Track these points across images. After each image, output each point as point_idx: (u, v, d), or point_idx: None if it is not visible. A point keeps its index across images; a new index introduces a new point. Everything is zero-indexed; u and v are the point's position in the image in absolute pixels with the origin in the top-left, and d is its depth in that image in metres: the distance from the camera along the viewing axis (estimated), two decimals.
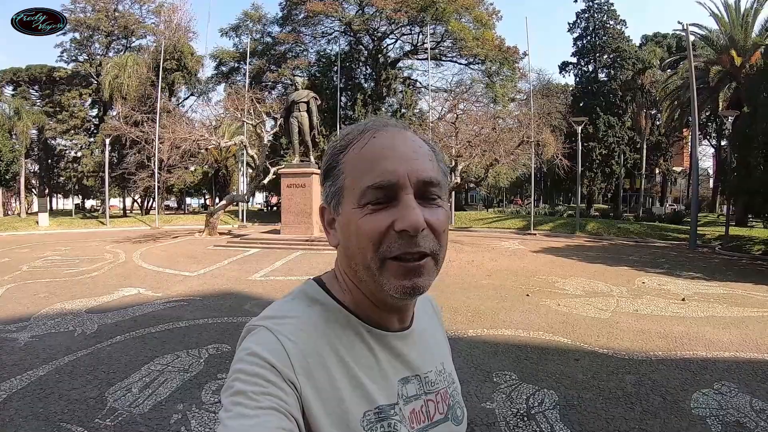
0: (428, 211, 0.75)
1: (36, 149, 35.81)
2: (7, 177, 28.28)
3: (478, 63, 34.72)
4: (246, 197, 25.54)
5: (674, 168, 48.22)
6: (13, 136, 29.71)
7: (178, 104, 37.11)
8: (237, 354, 0.75)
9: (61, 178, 37.19)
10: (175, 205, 51.17)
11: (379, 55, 35.81)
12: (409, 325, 0.88)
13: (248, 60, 33.01)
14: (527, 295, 8.93)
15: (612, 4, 40.32)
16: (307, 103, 18.40)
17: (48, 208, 30.64)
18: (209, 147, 24.02)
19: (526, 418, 3.92)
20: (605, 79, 40.32)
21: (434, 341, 0.96)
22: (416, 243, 0.72)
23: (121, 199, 40.60)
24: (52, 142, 36.10)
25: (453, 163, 23.62)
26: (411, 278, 0.73)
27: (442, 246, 0.77)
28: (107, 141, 27.52)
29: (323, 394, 0.72)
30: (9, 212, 38.70)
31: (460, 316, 7.26)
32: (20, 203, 34.71)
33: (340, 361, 0.76)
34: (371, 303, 0.81)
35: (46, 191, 38.41)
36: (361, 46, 36.14)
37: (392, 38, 36.30)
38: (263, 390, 0.67)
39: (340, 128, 30.50)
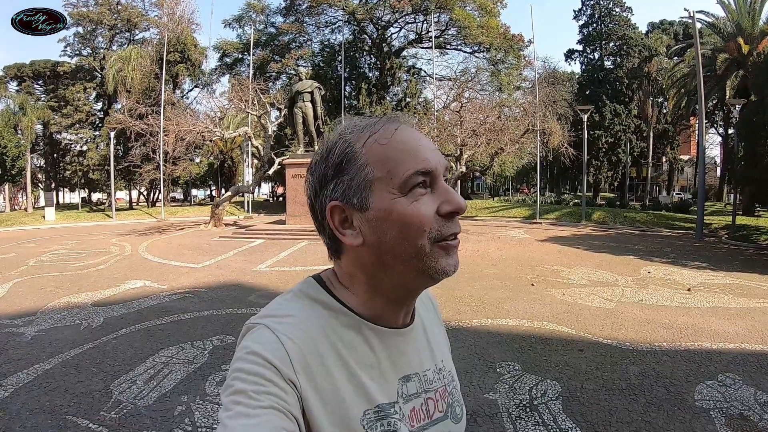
0: None
1: (41, 144, 35.91)
2: (13, 172, 28.35)
3: (482, 51, 34.59)
4: (251, 188, 25.54)
5: (681, 156, 47.92)
6: (19, 132, 29.82)
7: (182, 96, 37.20)
8: (236, 353, 0.74)
9: (67, 172, 37.30)
10: (181, 197, 51.43)
11: (383, 44, 35.70)
12: (410, 321, 0.88)
13: (252, 51, 33.02)
14: (532, 284, 8.91)
15: None
16: (311, 93, 18.39)
17: (54, 202, 30.82)
18: (214, 138, 23.96)
19: (528, 409, 3.93)
20: (611, 66, 40.16)
21: (434, 339, 0.95)
22: (457, 223, 0.77)
23: (127, 192, 40.77)
24: (58, 136, 36.16)
25: (458, 152, 23.52)
26: (453, 256, 0.77)
27: None
28: (112, 134, 27.55)
29: (323, 394, 0.72)
30: (16, 207, 38.96)
31: (465, 306, 7.26)
32: (27, 198, 34.87)
33: (340, 360, 0.76)
34: (384, 298, 0.81)
35: (52, 185, 38.57)
36: (365, 36, 36.00)
37: (396, 27, 36.20)
38: (263, 389, 0.67)
39: (345, 118, 30.46)
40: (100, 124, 34.92)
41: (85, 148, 35.48)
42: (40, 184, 40.24)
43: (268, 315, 0.78)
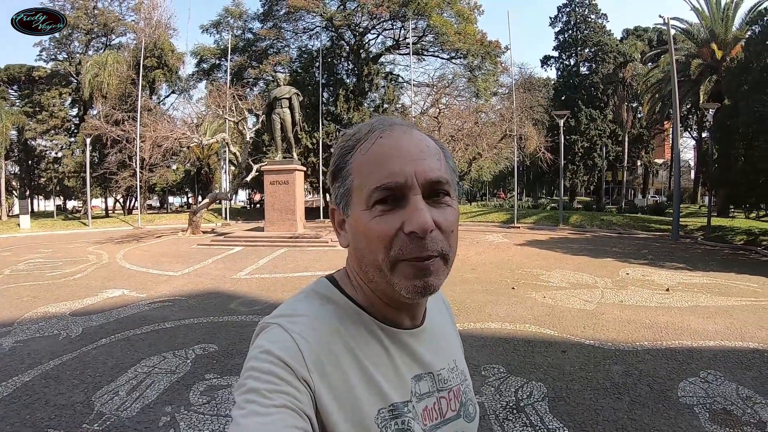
0: (437, 211, 0.74)
1: (16, 150, 35.07)
2: None
3: (460, 57, 34.71)
4: (229, 195, 25.37)
5: (656, 160, 48.82)
6: None
7: (159, 102, 36.70)
8: (250, 352, 0.74)
9: (42, 180, 36.46)
10: (158, 205, 50.70)
11: (361, 51, 35.68)
12: (422, 323, 0.88)
13: (229, 56, 32.79)
14: (513, 288, 8.98)
15: None
16: (289, 99, 18.31)
17: (29, 210, 30.14)
18: (191, 145, 23.80)
19: (515, 411, 3.95)
20: (587, 72, 40.78)
21: (446, 338, 0.96)
22: (425, 246, 0.72)
23: (103, 200, 40.06)
24: (32, 142, 35.28)
25: None
26: (422, 278, 0.73)
27: (451, 246, 0.76)
28: (88, 141, 27.14)
29: (337, 392, 0.72)
30: None
31: None
32: (1, 206, 34.11)
33: (353, 359, 0.76)
34: (382, 301, 0.81)
35: (27, 193, 37.69)
36: (342, 42, 35.93)
37: (374, 33, 36.16)
38: (276, 388, 0.67)
39: (323, 124, 30.66)
40: (75, 131, 34.25)
41: (60, 154, 34.72)
42: (14, 192, 39.36)
43: (281, 315, 0.79)
